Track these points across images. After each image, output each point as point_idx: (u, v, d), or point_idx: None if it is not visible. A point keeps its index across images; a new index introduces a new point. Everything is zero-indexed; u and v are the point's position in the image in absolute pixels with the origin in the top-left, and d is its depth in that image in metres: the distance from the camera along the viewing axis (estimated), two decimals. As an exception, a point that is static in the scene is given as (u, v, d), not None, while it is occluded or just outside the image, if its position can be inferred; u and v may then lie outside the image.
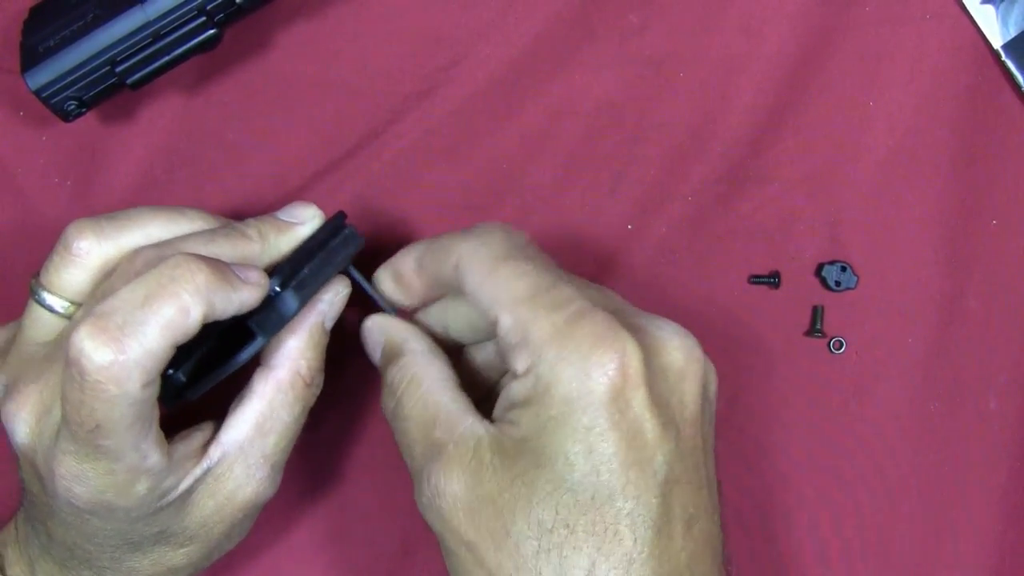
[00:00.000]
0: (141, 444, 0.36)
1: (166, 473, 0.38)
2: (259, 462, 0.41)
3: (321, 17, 0.51)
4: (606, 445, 0.34)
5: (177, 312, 0.35)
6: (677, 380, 0.36)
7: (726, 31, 0.51)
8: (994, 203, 0.52)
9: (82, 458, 0.36)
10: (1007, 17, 0.51)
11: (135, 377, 0.34)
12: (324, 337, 0.43)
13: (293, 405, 0.42)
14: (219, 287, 0.36)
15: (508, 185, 0.51)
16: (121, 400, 0.34)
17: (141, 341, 0.34)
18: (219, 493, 0.41)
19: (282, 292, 0.40)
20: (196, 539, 0.41)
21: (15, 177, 0.51)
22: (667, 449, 0.35)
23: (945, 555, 0.50)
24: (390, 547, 0.51)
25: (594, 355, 0.35)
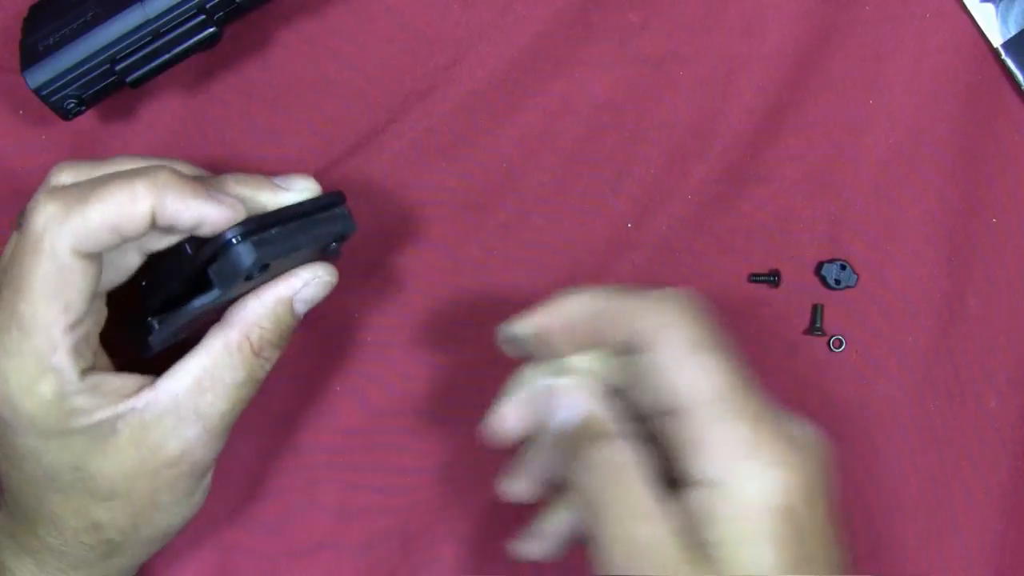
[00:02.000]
0: (54, 331, 0.38)
1: (79, 389, 0.39)
2: (190, 418, 0.40)
3: (320, 16, 0.51)
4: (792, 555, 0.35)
5: (127, 196, 0.38)
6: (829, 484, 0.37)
7: (726, 30, 0.51)
8: (994, 201, 0.52)
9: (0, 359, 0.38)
10: (1007, 15, 0.51)
11: (66, 239, 0.37)
12: (289, 314, 0.42)
13: (236, 369, 0.41)
14: (176, 188, 0.38)
15: (508, 184, 0.51)
16: (48, 258, 0.37)
17: (85, 211, 0.37)
18: (144, 443, 0.40)
19: (238, 243, 0.39)
20: (118, 493, 0.40)
21: (14, 176, 0.51)
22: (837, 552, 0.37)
23: (946, 554, 0.50)
24: (389, 547, 0.51)
25: (785, 473, 0.36)
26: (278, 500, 0.51)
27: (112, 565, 0.43)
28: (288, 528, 0.51)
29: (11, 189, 0.51)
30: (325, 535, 0.50)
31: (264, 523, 0.51)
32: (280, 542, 0.50)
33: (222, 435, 0.42)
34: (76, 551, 0.42)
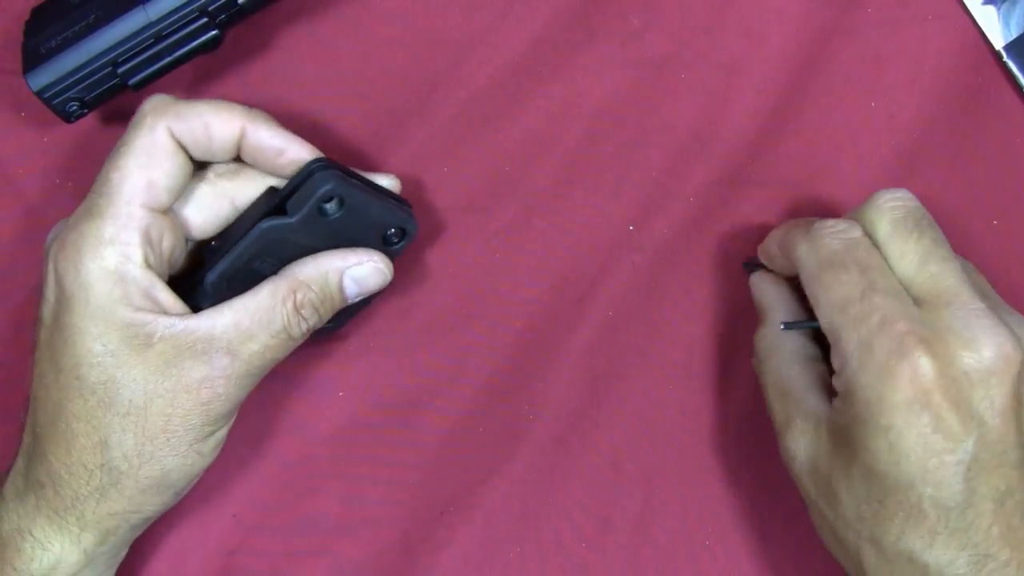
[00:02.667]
0: (133, 203, 0.42)
1: (137, 277, 0.42)
2: (221, 350, 0.42)
3: (322, 19, 0.51)
4: (904, 442, 0.39)
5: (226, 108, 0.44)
6: (982, 379, 0.39)
7: (727, 33, 0.51)
8: (995, 203, 0.52)
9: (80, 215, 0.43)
10: (1009, 18, 0.51)
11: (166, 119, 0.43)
12: (337, 285, 0.45)
13: (275, 317, 0.43)
14: (267, 119, 0.45)
15: (510, 187, 0.51)
16: (146, 132, 0.43)
17: (189, 104, 0.43)
18: (172, 362, 0.42)
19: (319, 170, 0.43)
20: (135, 408, 0.42)
21: (16, 178, 0.51)
22: (970, 441, 0.39)
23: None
24: (391, 547, 0.51)
25: (887, 368, 0.39)
26: (279, 501, 0.51)
27: (104, 509, 0.43)
28: (289, 529, 0.51)
29: (13, 191, 0.51)
30: (327, 536, 0.51)
31: (266, 524, 0.51)
32: (282, 543, 0.50)
33: (245, 379, 0.43)
34: (76, 478, 0.42)
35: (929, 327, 0.40)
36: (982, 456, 0.39)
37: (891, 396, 0.39)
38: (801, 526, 0.51)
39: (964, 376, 0.39)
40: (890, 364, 0.39)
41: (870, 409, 0.40)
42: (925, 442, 0.39)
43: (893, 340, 0.39)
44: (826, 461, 0.42)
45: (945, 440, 0.39)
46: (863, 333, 0.40)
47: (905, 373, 0.39)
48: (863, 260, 0.42)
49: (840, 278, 0.42)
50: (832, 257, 0.42)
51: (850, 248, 0.42)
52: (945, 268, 0.42)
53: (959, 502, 0.39)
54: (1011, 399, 0.40)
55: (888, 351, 0.39)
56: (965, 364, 0.39)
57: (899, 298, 0.41)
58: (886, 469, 0.39)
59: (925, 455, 0.39)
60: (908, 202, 0.43)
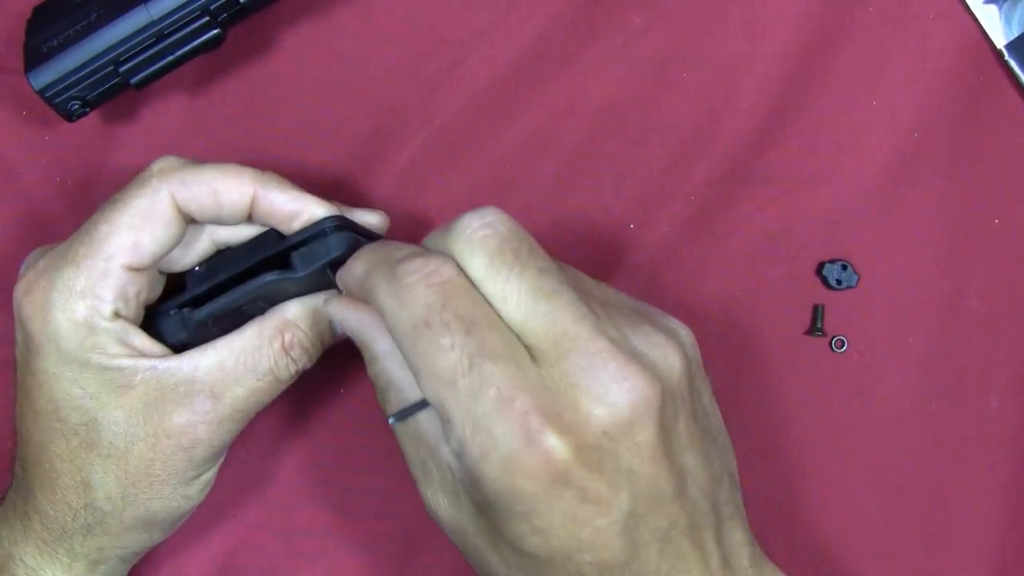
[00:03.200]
0: (114, 261, 0.40)
1: (108, 327, 0.41)
2: (204, 393, 0.41)
3: (324, 18, 0.51)
4: (548, 523, 0.35)
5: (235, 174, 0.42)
6: (624, 432, 0.35)
7: (729, 32, 0.51)
8: (996, 202, 0.52)
9: (54, 258, 0.41)
10: (1010, 17, 0.51)
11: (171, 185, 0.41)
12: (326, 324, 0.43)
13: (261, 359, 0.42)
14: (279, 181, 0.42)
15: (511, 185, 0.51)
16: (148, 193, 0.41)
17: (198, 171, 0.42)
18: (153, 406, 0.41)
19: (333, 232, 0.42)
20: (116, 451, 0.41)
21: (18, 177, 0.51)
22: (623, 499, 0.36)
23: (947, 554, 0.51)
24: (391, 548, 0.51)
25: (515, 458, 0.34)
26: (279, 501, 0.51)
27: (92, 544, 0.43)
28: (290, 529, 0.51)
29: (15, 190, 0.51)
30: (327, 536, 0.51)
31: (266, 524, 0.51)
32: (282, 543, 0.51)
33: (228, 423, 0.42)
34: (62, 516, 0.42)
35: (553, 391, 0.35)
36: (638, 507, 0.36)
37: (524, 485, 0.34)
38: (795, 523, 0.51)
39: (604, 435, 0.35)
40: (517, 454, 0.34)
41: (502, 497, 0.35)
42: (573, 516, 0.35)
43: (516, 422, 0.34)
44: (472, 531, 0.38)
45: (596, 507, 0.35)
46: (479, 416, 0.34)
47: (537, 461, 0.34)
48: (466, 313, 0.35)
49: (440, 343, 0.35)
50: (427, 314, 0.35)
51: (448, 298, 0.35)
52: (558, 305, 0.36)
53: (623, 558, 0.36)
54: (659, 436, 0.36)
55: (512, 437, 0.34)
56: (603, 423, 0.35)
57: (513, 359, 0.35)
58: (535, 550, 0.36)
59: (576, 528, 0.35)
60: (501, 226, 0.37)
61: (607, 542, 0.36)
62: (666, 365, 0.37)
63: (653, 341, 0.37)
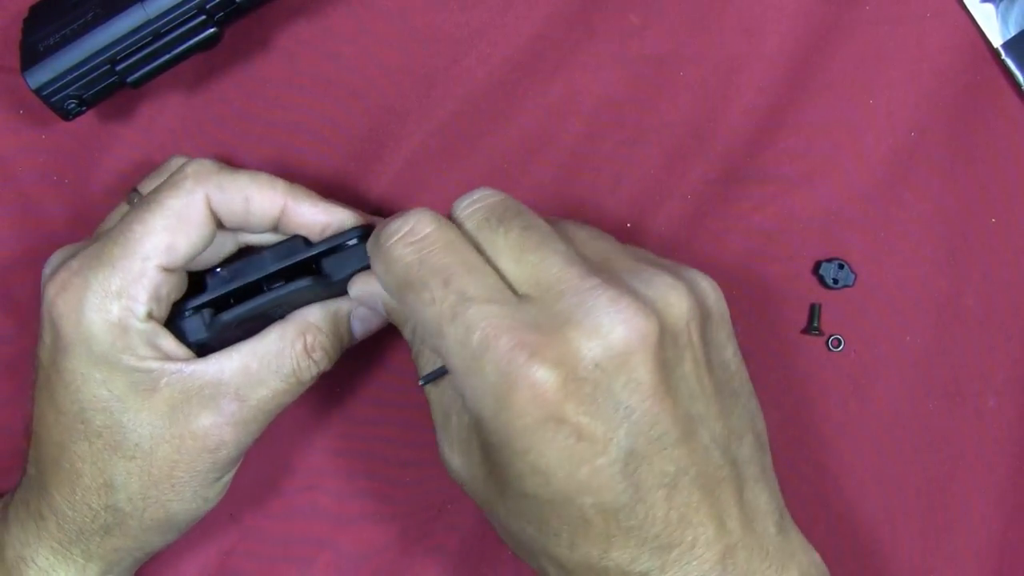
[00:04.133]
0: (149, 262, 0.41)
1: (141, 329, 0.41)
2: (229, 396, 0.42)
3: (321, 16, 0.51)
4: (546, 461, 0.35)
5: (269, 184, 0.43)
6: (619, 365, 0.35)
7: (726, 30, 0.51)
8: (993, 201, 0.52)
9: (89, 257, 0.41)
10: (1007, 16, 0.51)
11: (207, 187, 0.42)
12: (345, 326, 0.44)
13: (284, 361, 0.42)
14: (308, 194, 0.43)
15: (508, 184, 0.51)
16: (184, 195, 0.41)
17: (233, 175, 0.43)
18: (179, 408, 0.41)
19: (362, 241, 0.42)
20: (141, 452, 0.41)
21: (15, 175, 0.51)
22: (619, 438, 0.35)
23: (944, 553, 0.51)
24: (390, 547, 0.51)
25: (502, 393, 0.35)
26: (277, 503, 0.51)
27: (109, 545, 0.43)
28: (287, 528, 0.51)
29: (13, 190, 0.51)
30: (324, 536, 0.51)
31: (263, 525, 0.51)
32: (279, 542, 0.51)
33: (252, 424, 0.42)
34: (81, 516, 0.42)
35: (545, 328, 0.35)
36: (638, 446, 0.35)
37: (517, 422, 0.35)
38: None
39: (597, 368, 0.35)
40: (504, 388, 0.34)
41: (500, 436, 0.35)
42: (570, 455, 0.35)
43: (501, 359, 0.35)
44: (482, 484, 0.38)
45: (592, 445, 0.35)
46: (467, 358, 0.35)
47: (524, 394, 0.34)
48: (443, 266, 0.37)
49: (423, 296, 0.36)
50: (408, 273, 0.37)
51: (425, 256, 0.37)
52: (543, 254, 0.37)
53: (626, 501, 0.35)
54: (657, 373, 0.35)
55: (498, 374, 0.35)
56: (595, 355, 0.35)
57: (499, 301, 0.36)
58: (536, 491, 0.36)
59: (573, 467, 0.35)
60: (487, 199, 0.39)
61: (607, 483, 0.35)
62: (666, 304, 0.37)
63: (655, 282, 0.37)
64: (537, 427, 0.35)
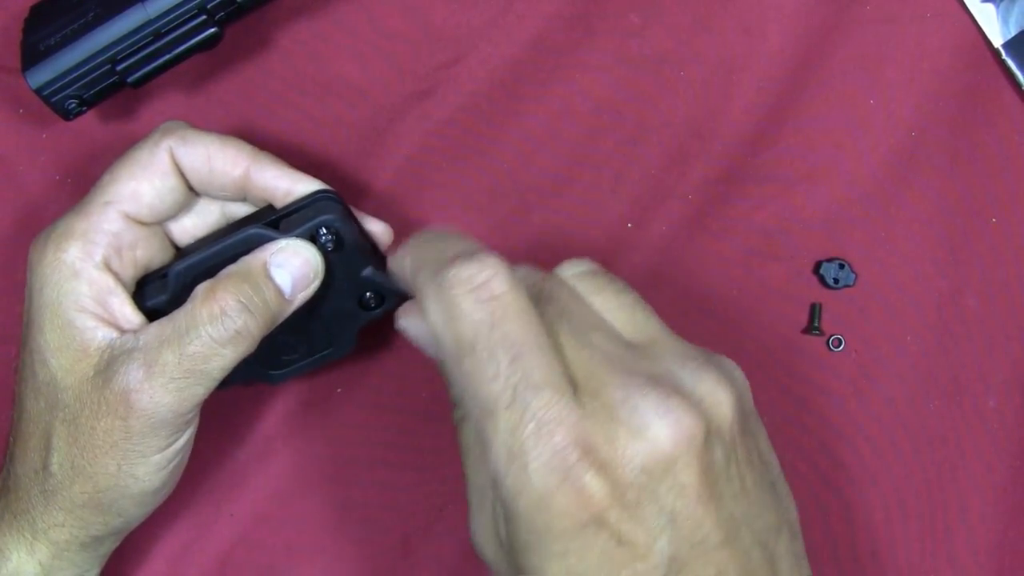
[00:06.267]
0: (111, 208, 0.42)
1: (92, 278, 0.41)
2: (138, 360, 0.40)
3: (322, 16, 0.51)
4: (585, 566, 0.33)
5: (234, 145, 0.44)
6: (665, 470, 0.34)
7: (726, 31, 0.51)
8: (994, 201, 0.52)
9: (64, 215, 0.43)
10: (1007, 16, 0.51)
11: (170, 139, 0.43)
12: (266, 280, 0.41)
13: (193, 320, 0.40)
14: (272, 159, 0.44)
15: (508, 184, 0.51)
16: (149, 146, 0.43)
17: (199, 133, 0.44)
18: (100, 372, 0.40)
19: (326, 199, 0.43)
20: (69, 415, 0.41)
21: (16, 175, 0.51)
22: (663, 543, 0.34)
23: (945, 553, 0.51)
24: (389, 546, 0.51)
25: (549, 495, 0.33)
26: (278, 499, 0.51)
27: (50, 519, 0.42)
28: (286, 526, 0.51)
29: (13, 189, 0.51)
30: (325, 534, 0.51)
31: (264, 522, 0.51)
32: (280, 540, 0.51)
33: (163, 392, 0.40)
34: (26, 477, 0.42)
35: (593, 425, 0.33)
36: (681, 552, 0.34)
37: (557, 523, 0.33)
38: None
39: (643, 473, 0.33)
40: (551, 490, 0.33)
41: (538, 536, 0.33)
42: (610, 559, 0.33)
43: (553, 458, 0.33)
44: (507, 569, 0.36)
45: (633, 550, 0.33)
46: (515, 448, 0.33)
47: (571, 500, 0.33)
48: (515, 338, 0.34)
49: (487, 370, 0.34)
50: (474, 336, 0.34)
51: (497, 318, 0.34)
52: (586, 340, 0.35)
53: None
54: (702, 476, 0.34)
55: (547, 473, 0.33)
56: (641, 459, 0.33)
57: (558, 390, 0.33)
58: None
59: (613, 571, 0.33)
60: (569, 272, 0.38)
61: None
62: (714, 401, 0.35)
63: (704, 378, 0.35)
64: (578, 530, 0.33)
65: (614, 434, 0.33)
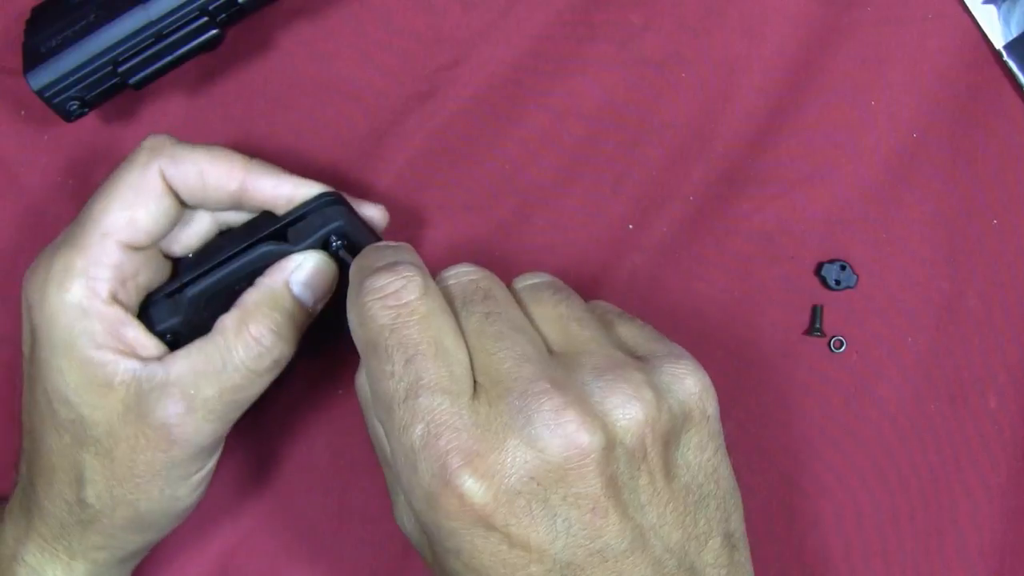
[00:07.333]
0: (109, 240, 0.41)
1: (102, 313, 0.40)
2: (176, 396, 0.40)
3: (323, 17, 0.51)
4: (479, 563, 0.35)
5: (225, 157, 0.42)
6: (556, 479, 0.35)
7: (727, 32, 0.51)
8: (995, 202, 0.52)
9: (55, 245, 0.41)
10: (1009, 17, 0.51)
11: (160, 160, 0.42)
12: (290, 300, 0.42)
13: (229, 352, 0.41)
14: (266, 166, 0.43)
15: (509, 185, 0.51)
16: (138, 169, 0.41)
17: (188, 149, 0.42)
18: (131, 408, 0.40)
19: (331, 204, 0.43)
20: (101, 448, 0.40)
21: (18, 177, 0.51)
22: (556, 547, 0.35)
23: (946, 554, 0.51)
24: (391, 548, 0.51)
25: (434, 496, 0.35)
26: (278, 501, 0.51)
27: (89, 542, 0.42)
28: (289, 529, 0.51)
29: (14, 190, 0.51)
30: (326, 535, 0.51)
31: (264, 525, 0.51)
32: (281, 544, 0.51)
33: (204, 423, 0.41)
34: (58, 510, 0.42)
35: (484, 431, 0.35)
36: (577, 558, 0.35)
37: (447, 523, 0.34)
38: (795, 522, 0.51)
39: (532, 481, 0.34)
40: (435, 492, 0.34)
41: (434, 531, 0.35)
42: (503, 561, 0.35)
43: (436, 461, 0.34)
44: (428, 554, 0.38)
45: (526, 553, 0.34)
46: (407, 448, 0.35)
47: (452, 502, 0.34)
48: (411, 342, 0.36)
49: (384, 368, 0.36)
50: (378, 337, 0.36)
51: (399, 324, 0.36)
52: (500, 346, 0.36)
53: None
54: (601, 488, 0.35)
55: (432, 475, 0.34)
56: (530, 468, 0.34)
57: (451, 394, 0.35)
58: None
59: (508, 572, 0.35)
60: (461, 277, 0.39)
61: None
62: (622, 415, 0.35)
63: (616, 390, 0.36)
64: (466, 531, 0.34)
65: (505, 443, 0.34)
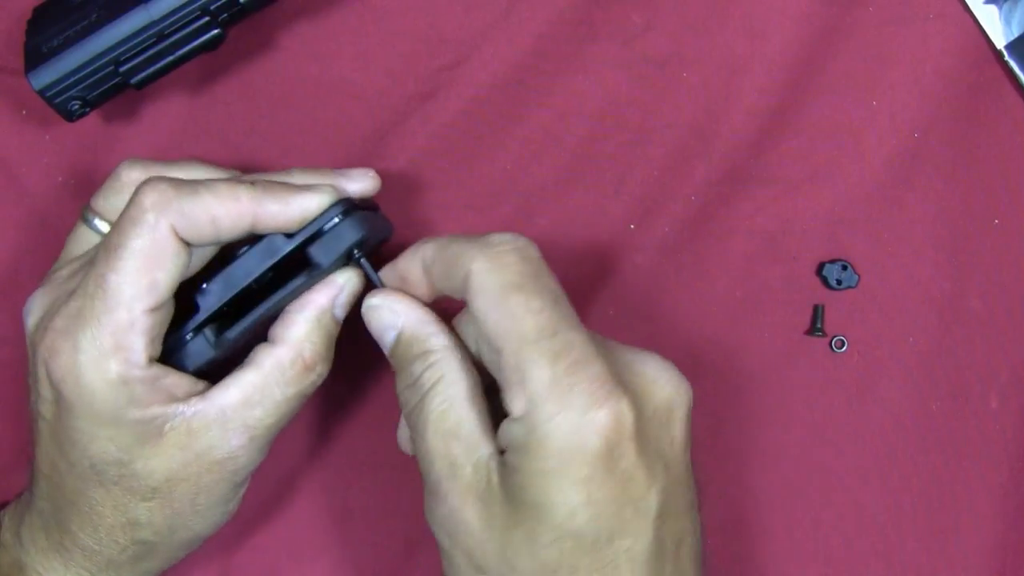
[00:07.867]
0: (136, 307, 0.39)
1: (142, 376, 0.40)
2: (237, 429, 0.41)
3: (324, 17, 0.51)
4: (603, 493, 0.36)
5: (231, 195, 0.40)
6: (667, 420, 0.38)
7: (729, 32, 0.51)
8: (996, 202, 0.52)
9: (72, 317, 0.40)
10: (1010, 17, 0.51)
11: (170, 217, 0.39)
12: (332, 324, 0.43)
13: (287, 386, 0.42)
14: (273, 189, 0.41)
15: (511, 185, 0.51)
16: (148, 232, 0.39)
17: (194, 199, 0.40)
18: (189, 448, 0.41)
19: (344, 219, 0.42)
20: (160, 494, 0.41)
21: (19, 176, 0.51)
22: (659, 488, 0.37)
23: (947, 554, 0.51)
24: (392, 548, 0.51)
25: (590, 412, 0.36)
26: (279, 501, 0.51)
27: (140, 569, 0.43)
28: (289, 528, 0.51)
29: (15, 190, 0.51)
30: (328, 536, 0.51)
31: (266, 524, 0.51)
32: (282, 543, 0.51)
33: (266, 446, 0.43)
34: (108, 550, 0.42)
35: (613, 363, 0.38)
36: (668, 501, 0.37)
37: (592, 444, 0.36)
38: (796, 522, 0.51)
39: (653, 416, 0.38)
40: (592, 409, 0.36)
41: (568, 459, 0.36)
42: (623, 490, 0.36)
43: (594, 383, 0.36)
44: (502, 524, 0.37)
45: (639, 486, 0.37)
46: (559, 373, 0.36)
47: (609, 420, 0.36)
48: (554, 287, 0.39)
49: (531, 305, 0.37)
50: (520, 280, 0.38)
51: (540, 272, 0.39)
52: None
53: (651, 553, 0.37)
54: (686, 436, 0.39)
55: (589, 395, 0.36)
56: (653, 401, 0.38)
57: (586, 335, 0.38)
58: (583, 527, 0.36)
59: (622, 504, 0.36)
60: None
61: (644, 529, 0.37)
62: None
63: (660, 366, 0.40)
64: (605, 454, 0.36)
65: (637, 379, 0.38)
